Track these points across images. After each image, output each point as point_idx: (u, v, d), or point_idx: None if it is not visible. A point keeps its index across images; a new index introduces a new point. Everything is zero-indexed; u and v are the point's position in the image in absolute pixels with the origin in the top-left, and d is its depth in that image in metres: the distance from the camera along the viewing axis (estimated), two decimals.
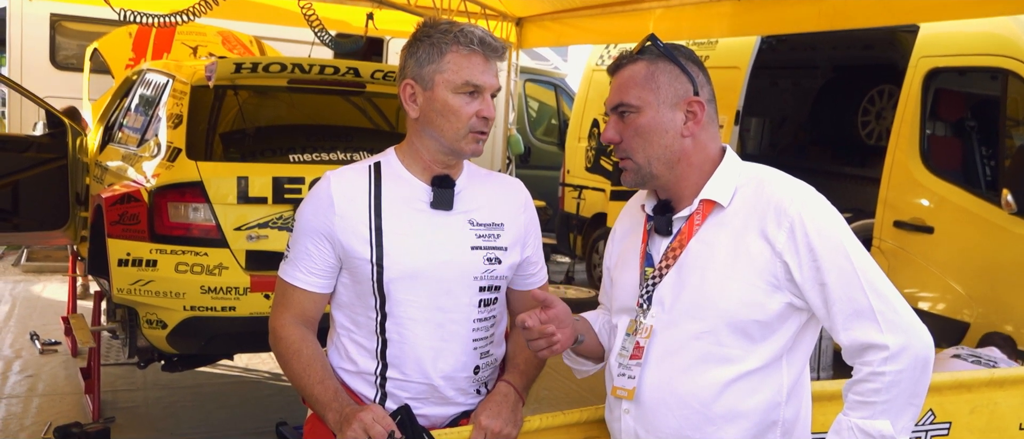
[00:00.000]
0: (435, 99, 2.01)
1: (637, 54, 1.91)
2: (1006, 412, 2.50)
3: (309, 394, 2.05)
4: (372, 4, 7.71)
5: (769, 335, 1.83)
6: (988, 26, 5.07)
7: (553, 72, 12.30)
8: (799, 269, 1.78)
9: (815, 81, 7.88)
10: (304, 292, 2.10)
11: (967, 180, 5.29)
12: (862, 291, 1.75)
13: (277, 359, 2.13)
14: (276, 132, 4.77)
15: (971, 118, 5.49)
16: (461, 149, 2.03)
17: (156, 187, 4.10)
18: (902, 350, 1.72)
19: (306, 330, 2.11)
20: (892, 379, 1.72)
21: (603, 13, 7.32)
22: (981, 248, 4.97)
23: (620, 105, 1.90)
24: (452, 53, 1.99)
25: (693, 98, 1.88)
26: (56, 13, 9.25)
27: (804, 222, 1.77)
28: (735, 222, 1.84)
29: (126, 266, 4.04)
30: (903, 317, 1.76)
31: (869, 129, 7.25)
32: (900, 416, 1.74)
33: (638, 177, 1.92)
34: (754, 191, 1.85)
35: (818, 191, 1.87)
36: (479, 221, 2.10)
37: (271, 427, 2.30)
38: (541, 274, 2.28)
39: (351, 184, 2.07)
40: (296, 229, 2.11)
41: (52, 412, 4.91)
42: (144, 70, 5.50)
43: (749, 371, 1.83)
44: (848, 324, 1.76)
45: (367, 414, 1.93)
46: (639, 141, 1.89)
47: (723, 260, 1.83)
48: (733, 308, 1.81)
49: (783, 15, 5.65)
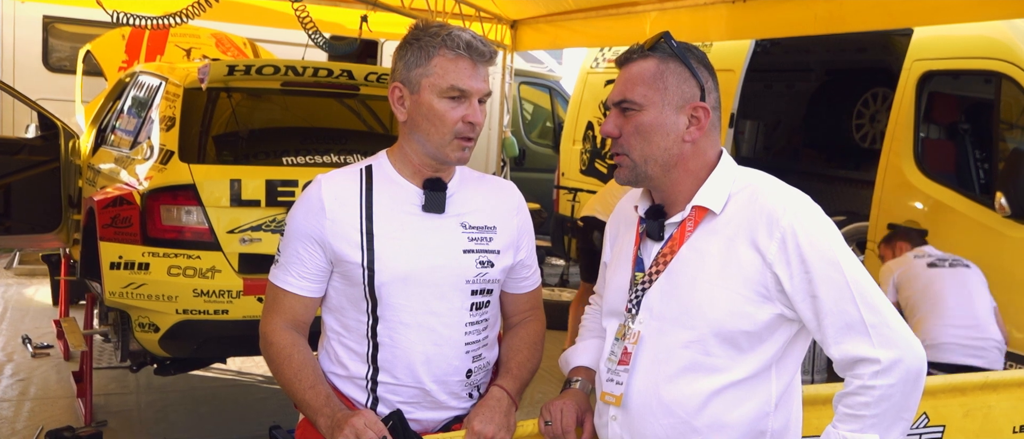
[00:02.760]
0: (421, 103, 1.99)
1: (649, 50, 1.87)
2: (999, 415, 2.50)
3: (300, 399, 2.03)
4: (366, 6, 7.71)
5: (758, 345, 1.81)
6: (982, 30, 5.08)
7: (548, 75, 12.30)
8: (790, 280, 1.75)
9: (809, 84, 7.89)
10: (295, 296, 2.08)
11: (961, 183, 5.30)
12: (854, 304, 1.72)
13: (268, 364, 2.11)
14: (269, 135, 4.76)
15: (965, 121, 5.50)
16: (446, 156, 2.01)
17: (149, 190, 4.08)
18: (893, 364, 1.70)
19: (297, 335, 2.09)
20: (882, 393, 1.70)
21: (598, 16, 7.33)
22: (975, 251, 4.97)
23: (624, 101, 1.86)
24: (439, 57, 1.97)
25: (699, 103, 1.85)
26: (49, 15, 9.22)
27: (796, 233, 1.74)
28: (727, 230, 1.81)
29: (118, 269, 4.03)
30: (895, 331, 1.73)
31: (863, 132, 7.26)
32: (890, 431, 1.72)
33: (632, 175, 1.89)
34: (747, 199, 1.82)
35: (812, 195, 1.85)
36: (471, 224, 2.09)
37: (264, 431, 2.29)
38: (535, 277, 2.27)
39: (342, 188, 2.05)
40: (287, 233, 2.09)
41: (44, 416, 4.89)
42: (137, 72, 5.48)
43: (736, 381, 1.81)
44: (839, 337, 1.74)
45: (359, 419, 1.91)
46: (637, 139, 1.85)
47: (713, 269, 1.80)
48: (721, 318, 1.79)
49: (778, 18, 5.66)
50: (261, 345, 2.11)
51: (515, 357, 2.20)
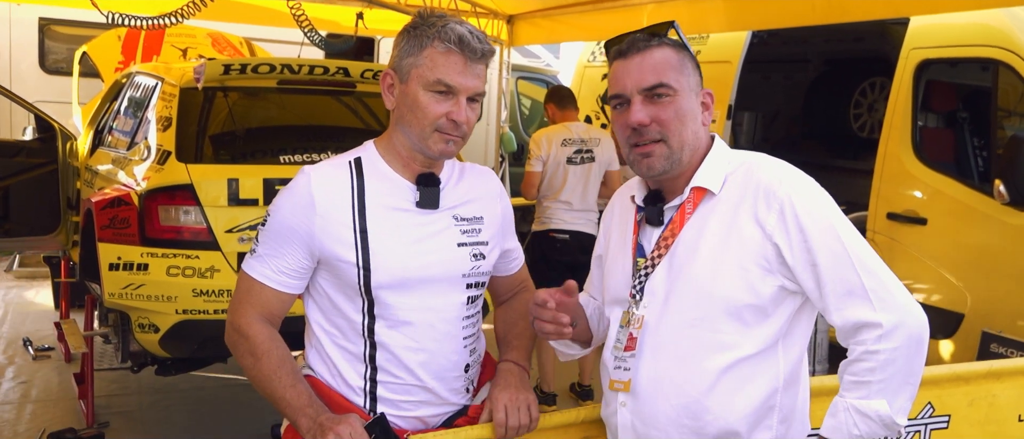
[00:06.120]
0: (407, 93, 1.96)
1: (663, 37, 1.89)
2: (1004, 404, 2.50)
3: (280, 397, 1.94)
4: (362, 3, 7.68)
5: (763, 319, 1.82)
6: (978, 17, 5.06)
7: (545, 69, 12.27)
8: (790, 250, 1.77)
9: (807, 75, 7.88)
10: (272, 291, 2.00)
11: (960, 171, 5.29)
12: (853, 270, 1.74)
13: (239, 357, 2.01)
14: (266, 133, 4.75)
15: (963, 109, 5.48)
16: (427, 147, 1.96)
17: (146, 190, 4.07)
18: (895, 328, 1.72)
19: (273, 330, 2.01)
20: (887, 357, 1.71)
21: (594, 9, 7.31)
22: (974, 239, 4.97)
23: (660, 85, 1.84)
24: (430, 48, 1.93)
25: (706, 90, 1.91)
26: (45, 17, 9.20)
27: (793, 203, 1.77)
28: (726, 208, 1.84)
29: (117, 270, 4.02)
30: (896, 295, 1.75)
31: (861, 122, 7.25)
32: (896, 395, 1.73)
33: (668, 163, 1.86)
34: (743, 176, 1.85)
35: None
36: (462, 216, 2.06)
37: (266, 430, 2.29)
38: (519, 256, 2.29)
39: (333, 182, 1.99)
40: (270, 225, 2.00)
41: (46, 418, 4.89)
42: (133, 73, 5.47)
43: (744, 357, 1.82)
44: (841, 304, 1.75)
45: (344, 427, 1.85)
46: (677, 125, 1.84)
47: (715, 246, 1.82)
48: (726, 293, 1.80)
49: (776, 9, 5.64)
50: (232, 337, 2.01)
51: (513, 329, 2.22)
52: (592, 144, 5.63)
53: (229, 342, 2.03)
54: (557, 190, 5.52)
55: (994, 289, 4.83)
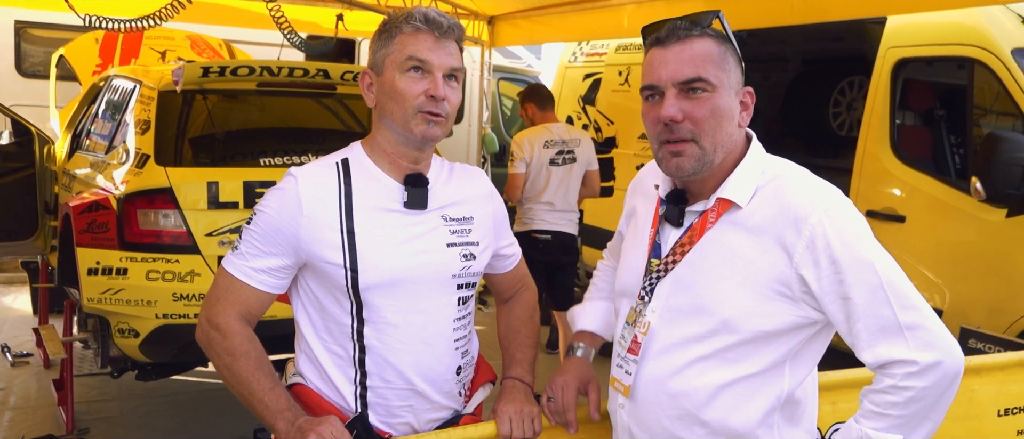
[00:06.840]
0: (385, 83, 1.95)
1: (706, 27, 1.74)
2: (983, 399, 2.51)
3: (257, 399, 1.90)
4: (342, 5, 7.65)
5: (773, 341, 1.73)
6: (954, 16, 5.11)
7: (527, 70, 12.27)
8: (818, 282, 1.65)
9: (785, 74, 7.92)
10: (252, 289, 1.96)
11: (937, 169, 5.33)
12: (889, 306, 1.63)
13: (213, 357, 1.96)
14: (246, 136, 4.73)
15: (940, 107, 5.53)
16: (411, 130, 1.93)
17: (125, 194, 4.05)
18: (932, 366, 1.61)
19: (251, 330, 1.98)
20: (914, 395, 1.62)
21: (575, 10, 7.32)
22: (952, 236, 5.01)
23: (698, 80, 1.70)
24: (401, 34, 1.93)
25: (747, 88, 1.78)
26: (21, 20, 9.11)
27: (826, 233, 1.64)
28: (750, 225, 1.71)
29: (96, 275, 3.99)
30: (934, 332, 1.64)
31: (840, 120, 7.29)
32: (914, 432, 1.65)
33: (698, 164, 1.72)
34: (773, 193, 1.72)
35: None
36: (451, 216, 2.05)
37: (248, 434, 2.26)
38: (516, 252, 2.28)
39: (320, 183, 1.97)
40: (255, 224, 1.98)
41: (25, 425, 4.84)
42: (111, 76, 5.44)
43: (747, 375, 1.74)
44: (873, 340, 1.64)
45: (326, 428, 1.82)
46: (712, 124, 1.70)
47: (733, 264, 1.71)
48: (737, 315, 1.71)
49: (755, 10, 5.67)
50: (207, 333, 1.96)
51: (515, 338, 2.21)
52: (573, 144, 5.65)
53: (202, 339, 1.99)
54: (540, 191, 5.54)
55: (972, 285, 4.87)
